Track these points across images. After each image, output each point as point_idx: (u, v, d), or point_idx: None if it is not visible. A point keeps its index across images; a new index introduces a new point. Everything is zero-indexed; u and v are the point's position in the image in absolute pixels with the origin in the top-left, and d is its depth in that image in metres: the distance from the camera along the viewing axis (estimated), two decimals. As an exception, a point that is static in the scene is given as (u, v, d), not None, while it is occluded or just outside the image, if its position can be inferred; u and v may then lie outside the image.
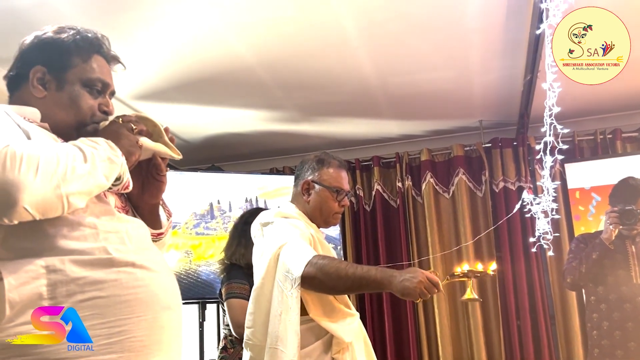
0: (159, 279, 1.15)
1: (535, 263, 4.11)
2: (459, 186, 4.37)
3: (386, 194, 4.58)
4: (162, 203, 1.40)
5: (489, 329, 4.20)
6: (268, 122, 4.12)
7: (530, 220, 4.01)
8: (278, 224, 1.94)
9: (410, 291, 1.66)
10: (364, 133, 4.46)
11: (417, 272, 1.70)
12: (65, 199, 1.04)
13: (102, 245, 1.10)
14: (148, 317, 1.10)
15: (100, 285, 1.07)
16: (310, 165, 2.11)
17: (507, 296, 4.13)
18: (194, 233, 4.01)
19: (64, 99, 1.22)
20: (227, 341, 2.84)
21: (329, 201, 2.06)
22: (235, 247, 2.83)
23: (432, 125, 4.38)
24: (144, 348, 1.08)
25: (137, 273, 1.12)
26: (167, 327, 1.14)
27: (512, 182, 4.25)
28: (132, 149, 1.20)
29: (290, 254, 1.79)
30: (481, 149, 4.36)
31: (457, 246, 4.30)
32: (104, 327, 1.05)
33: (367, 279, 1.71)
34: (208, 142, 4.45)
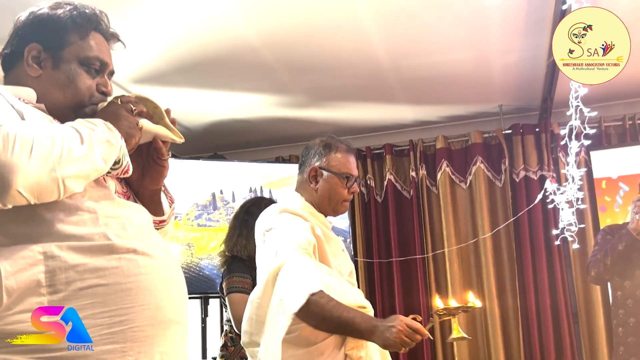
0: (162, 267, 1.16)
1: (557, 257, 4.10)
2: (477, 175, 4.36)
3: (399, 184, 4.58)
4: (163, 189, 1.40)
5: (507, 328, 4.21)
6: (274, 108, 4.12)
7: (553, 211, 4.00)
8: (279, 230, 1.93)
9: (391, 342, 1.68)
10: (376, 119, 4.46)
11: (396, 321, 1.70)
12: (61, 183, 1.05)
13: (102, 230, 1.11)
14: (151, 306, 1.11)
15: (100, 272, 1.08)
16: (316, 150, 2.10)
17: (527, 293, 4.12)
18: (196, 225, 4.03)
19: (61, 79, 1.23)
20: (227, 338, 2.87)
21: (338, 188, 2.06)
22: (236, 239, 2.84)
23: (449, 110, 4.37)
24: (147, 338, 1.09)
25: (139, 260, 1.13)
26: (171, 317, 1.15)
27: (534, 171, 4.24)
28: (131, 131, 1.21)
29: (287, 282, 1.80)
30: (501, 135, 4.35)
31: (474, 239, 4.30)
32: (104, 316, 1.06)
33: (350, 325, 1.73)
34: (211, 129, 4.46)
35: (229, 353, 2.82)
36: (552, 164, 4.18)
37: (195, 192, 4.08)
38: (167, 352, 1.13)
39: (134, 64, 3.33)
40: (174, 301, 1.17)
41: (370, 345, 1.94)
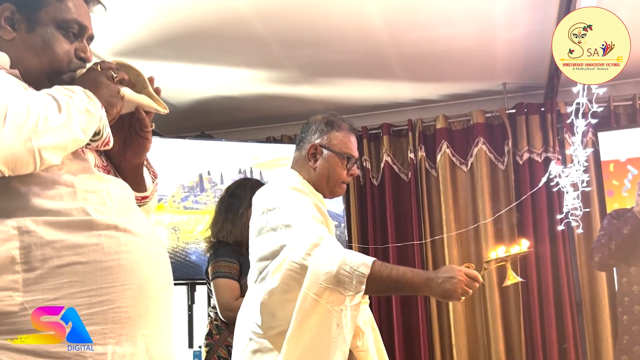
0: (145, 245, 1.15)
1: (561, 243, 4.12)
2: (478, 157, 4.36)
3: (396, 166, 4.58)
4: (146, 163, 1.39)
5: (508, 316, 4.23)
6: (265, 84, 4.09)
7: (557, 195, 4.01)
8: (288, 207, 1.90)
9: (452, 293, 1.74)
10: (373, 97, 4.44)
11: (454, 271, 1.76)
12: (37, 154, 1.03)
13: (81, 205, 1.10)
14: (133, 285, 1.10)
15: (79, 249, 1.06)
16: (318, 127, 2.10)
17: (529, 280, 4.14)
18: (182, 207, 4.02)
19: (36, 42, 1.20)
20: (212, 326, 2.87)
21: (338, 168, 2.06)
22: (221, 223, 2.85)
23: (450, 88, 4.35)
24: (129, 320, 1.08)
25: (120, 237, 1.11)
26: (155, 298, 1.14)
27: (538, 153, 4.23)
28: (112, 100, 1.19)
29: (341, 259, 1.73)
30: (504, 115, 4.34)
31: (474, 224, 4.31)
32: (83, 296, 1.05)
33: (402, 282, 1.74)
34: (197, 106, 4.43)
35: (214, 341, 2.82)
36: (557, 145, 4.17)
37: (181, 173, 4.07)
38: (151, 334, 1.12)
39: (114, 35, 3.28)
40: (158, 281, 1.16)
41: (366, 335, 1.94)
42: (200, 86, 4.08)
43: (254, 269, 2.00)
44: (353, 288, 1.70)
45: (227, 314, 2.70)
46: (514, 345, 4.20)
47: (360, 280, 1.70)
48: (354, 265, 1.71)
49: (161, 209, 3.93)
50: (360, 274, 1.70)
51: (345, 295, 1.72)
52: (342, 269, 1.71)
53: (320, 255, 1.75)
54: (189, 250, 3.98)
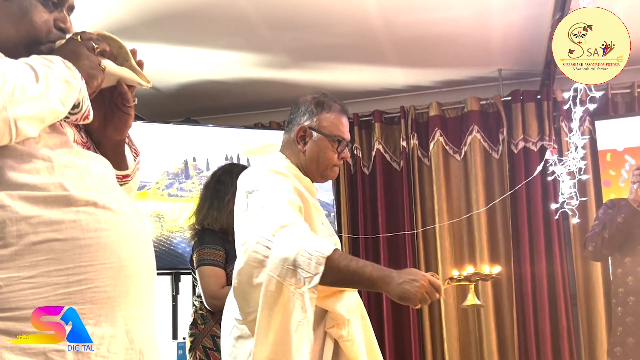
0: (125, 223, 1.14)
1: (556, 235, 4.13)
2: (472, 146, 4.36)
3: (388, 155, 4.57)
4: (128, 140, 1.37)
5: (500, 310, 4.25)
6: (253, 68, 4.07)
7: (553, 184, 4.02)
8: (264, 190, 1.89)
9: (411, 295, 1.69)
10: (365, 83, 4.43)
11: (418, 275, 1.72)
12: (13, 124, 1.01)
13: (58, 180, 1.08)
14: (113, 265, 1.09)
15: (56, 226, 1.05)
16: (307, 108, 2.07)
17: (523, 272, 4.16)
18: (166, 195, 4.00)
19: (13, 10, 1.18)
20: (197, 315, 2.86)
21: (328, 152, 2.04)
22: (207, 210, 2.84)
23: (444, 74, 4.34)
24: (109, 300, 1.07)
25: (100, 214, 1.10)
26: (136, 278, 1.12)
27: (534, 142, 4.24)
28: (93, 71, 1.17)
29: (297, 247, 1.73)
30: (499, 102, 4.34)
31: (467, 215, 4.31)
32: (61, 274, 1.03)
33: (360, 275, 1.72)
34: (182, 91, 4.40)
35: (199, 331, 2.81)
36: (553, 134, 4.18)
37: (166, 159, 4.05)
38: (131, 316, 1.11)
39: (95, 14, 3.24)
40: (139, 261, 1.14)
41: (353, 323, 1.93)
42: (185, 69, 4.05)
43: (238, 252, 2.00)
44: (312, 269, 1.68)
45: (212, 302, 2.69)
46: (506, 338, 4.22)
47: (319, 261, 1.68)
48: (315, 246, 1.71)
49: (144, 196, 3.91)
50: (320, 254, 1.68)
51: (303, 277, 1.69)
52: (303, 250, 1.70)
53: (283, 237, 1.74)
54: (174, 239, 3.96)
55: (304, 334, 1.70)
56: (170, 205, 3.99)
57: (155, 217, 3.94)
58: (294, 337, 1.70)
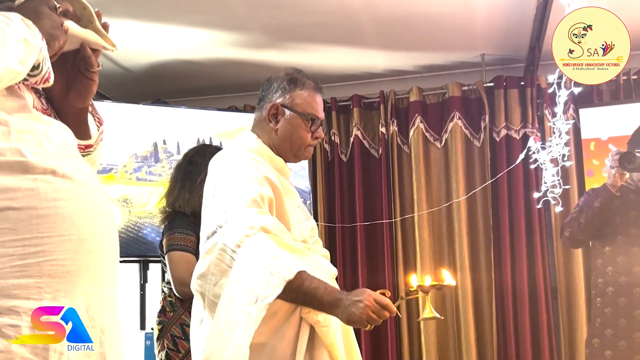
0: (86, 194, 1.10)
1: (537, 227, 4.16)
2: (453, 133, 4.36)
3: (367, 141, 4.56)
4: (91, 109, 1.33)
5: (479, 302, 4.26)
6: (227, 47, 4.02)
7: (535, 173, 4.04)
8: (229, 183, 1.87)
9: (356, 318, 1.71)
10: (343, 66, 4.40)
11: (364, 295, 1.73)
12: None
13: (15, 146, 1.04)
14: (72, 237, 1.05)
15: (11, 193, 1.01)
16: (280, 84, 2.04)
17: (503, 265, 4.18)
18: (134, 178, 3.95)
19: None
20: (166, 303, 2.83)
21: (301, 130, 2.02)
22: (178, 192, 2.81)
23: (425, 58, 4.34)
24: (67, 274, 1.04)
25: (59, 183, 1.06)
26: (96, 252, 1.09)
27: (516, 130, 4.26)
28: (55, 32, 1.13)
29: (254, 271, 1.72)
30: (482, 89, 4.35)
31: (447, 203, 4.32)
32: (17, 245, 1.00)
33: (311, 297, 1.74)
34: (153, 71, 4.34)
35: (168, 319, 2.77)
36: (537, 122, 4.20)
37: (134, 141, 3.99)
38: (92, 292, 1.08)
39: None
40: (101, 234, 1.11)
41: None
42: (156, 48, 3.99)
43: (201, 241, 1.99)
44: (269, 289, 1.68)
45: (182, 289, 2.66)
46: (485, 332, 4.24)
47: (278, 283, 1.68)
48: (277, 266, 1.70)
49: (111, 179, 3.86)
50: (281, 276, 1.69)
51: (257, 295, 1.69)
52: (264, 267, 1.69)
53: (248, 249, 1.73)
54: (142, 225, 3.91)
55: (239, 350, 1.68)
56: (139, 190, 3.94)
57: (122, 202, 3.89)
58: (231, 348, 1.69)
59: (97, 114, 1.35)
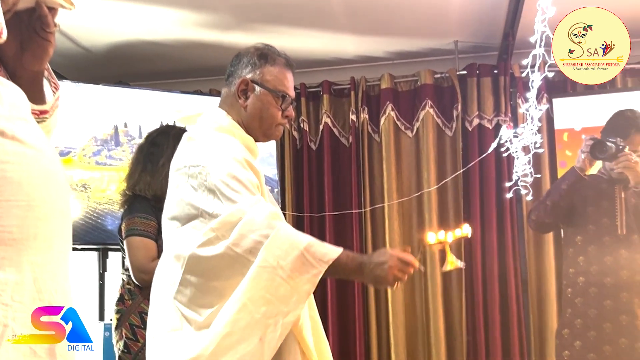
0: (38, 159, 1.06)
1: (509, 216, 4.20)
2: (425, 122, 4.37)
3: (337, 129, 4.56)
4: (47, 73, 1.29)
5: (449, 294, 4.30)
6: (193, 28, 3.98)
7: (507, 163, 4.07)
8: (213, 173, 1.81)
9: (383, 280, 1.75)
10: (313, 50, 4.38)
11: (386, 256, 1.76)
12: None
13: None
14: (20, 203, 1.01)
15: None
16: (250, 60, 2.02)
17: (474, 255, 4.21)
18: (94, 162, 3.90)
19: None
20: (124, 291, 2.79)
21: (271, 108, 2.00)
22: (139, 175, 2.77)
23: (397, 44, 4.34)
24: (14, 242, 1.00)
25: (7, 145, 1.02)
26: (46, 221, 1.05)
27: (489, 119, 4.28)
28: (7, -13, 1.09)
29: (278, 241, 1.72)
30: (454, 76, 4.36)
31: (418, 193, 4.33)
32: None
33: (335, 266, 1.73)
34: (115, 52, 4.28)
35: (126, 307, 2.73)
36: (509, 111, 4.23)
37: (94, 123, 3.93)
38: (40, 263, 1.04)
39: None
40: (52, 203, 1.07)
41: None
42: (118, 28, 3.93)
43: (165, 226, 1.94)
44: (293, 306, 1.71)
45: (141, 276, 2.62)
46: (454, 324, 4.27)
47: (301, 299, 1.72)
48: (320, 247, 1.73)
49: (69, 163, 3.79)
50: (306, 290, 1.72)
51: (278, 309, 1.70)
52: (287, 282, 1.70)
53: (281, 231, 1.72)
54: (101, 211, 3.86)
55: None
56: (98, 175, 3.89)
57: (80, 187, 3.83)
58: None
59: (53, 78, 1.31)
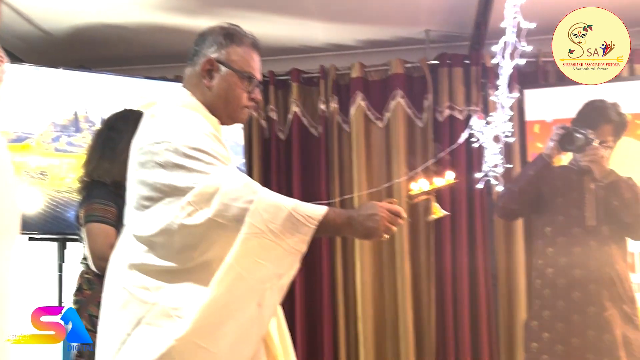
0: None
1: (479, 209, 4.21)
2: (396, 113, 4.37)
3: (306, 119, 4.53)
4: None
5: (418, 288, 4.30)
6: (157, 12, 3.93)
7: (478, 154, 4.08)
8: (180, 147, 1.78)
9: (375, 231, 1.76)
10: (282, 38, 4.35)
11: (375, 208, 1.78)
12: None
13: None
14: None
15: None
16: (215, 39, 1.99)
17: (443, 249, 4.22)
18: (53, 149, 3.83)
19: None
20: (83, 280, 2.74)
21: (237, 89, 1.98)
22: (97, 161, 2.74)
23: (368, 33, 4.33)
24: None
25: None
26: None
27: (460, 110, 4.29)
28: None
29: (265, 204, 1.71)
30: (425, 66, 4.36)
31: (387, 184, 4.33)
32: None
33: (324, 223, 1.73)
34: (77, 36, 4.21)
35: (85, 298, 2.67)
36: (481, 102, 4.24)
37: (53, 108, 3.85)
38: None
39: None
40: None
41: None
42: (79, 10, 3.85)
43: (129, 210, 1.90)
44: (286, 267, 1.73)
45: (100, 264, 2.56)
46: (422, 318, 4.28)
47: (295, 258, 1.73)
48: (305, 208, 1.74)
49: (26, 149, 3.72)
50: (298, 248, 1.72)
51: (272, 272, 1.72)
52: (278, 244, 1.70)
53: (264, 195, 1.71)
54: (61, 200, 3.79)
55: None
56: (57, 162, 3.82)
57: (39, 175, 3.76)
58: None
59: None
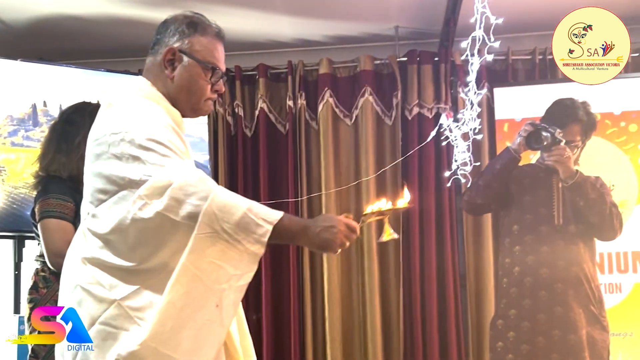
0: None
1: (447, 208, 4.23)
2: (364, 110, 4.37)
3: (273, 115, 4.52)
4: None
5: (386, 288, 4.31)
6: (120, 4, 3.88)
7: (447, 153, 4.10)
8: (137, 138, 1.74)
9: (331, 244, 1.75)
10: (249, 32, 4.33)
11: (334, 220, 1.77)
12: None
13: None
14: None
15: None
16: (178, 28, 1.95)
17: (412, 248, 4.23)
18: (9, 143, 3.79)
19: None
20: (38, 278, 2.71)
21: (200, 80, 1.95)
22: (53, 155, 2.70)
23: (336, 29, 4.33)
24: None
25: None
26: None
27: (429, 108, 4.31)
28: None
29: (222, 202, 1.69)
30: (395, 63, 4.37)
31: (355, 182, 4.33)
32: None
33: (278, 228, 1.70)
34: (36, 27, 4.15)
35: (41, 296, 2.65)
36: (449, 100, 4.26)
37: (10, 101, 3.82)
38: None
39: None
40: None
41: None
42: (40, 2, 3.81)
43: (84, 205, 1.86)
44: (245, 267, 1.70)
45: (57, 261, 2.51)
46: (391, 319, 4.28)
47: (252, 259, 1.70)
48: (260, 211, 1.71)
49: (-19, 143, 3.67)
50: (255, 250, 1.69)
51: (229, 274, 1.68)
52: (234, 245, 1.68)
53: (220, 194, 1.69)
54: (17, 196, 3.75)
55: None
56: (14, 156, 3.78)
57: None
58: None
59: None
